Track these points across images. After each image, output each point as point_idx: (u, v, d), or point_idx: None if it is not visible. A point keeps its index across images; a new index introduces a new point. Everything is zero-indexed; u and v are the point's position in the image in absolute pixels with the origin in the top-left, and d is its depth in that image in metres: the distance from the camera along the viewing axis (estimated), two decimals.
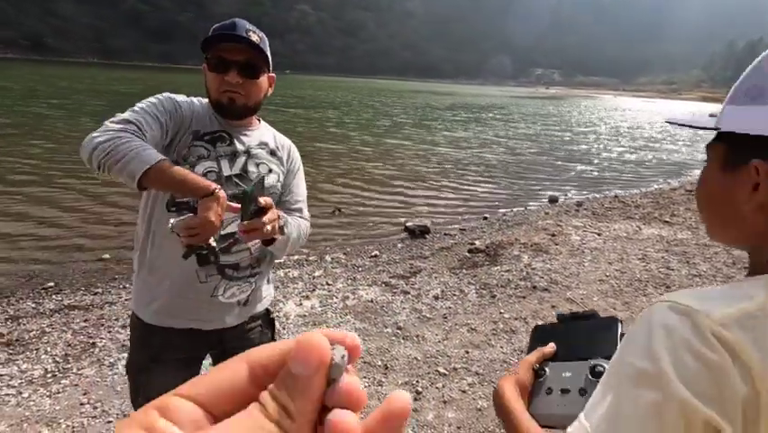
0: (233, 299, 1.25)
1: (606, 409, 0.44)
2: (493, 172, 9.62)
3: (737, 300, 0.44)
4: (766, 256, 0.50)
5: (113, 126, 1.04)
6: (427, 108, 28.83)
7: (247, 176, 1.23)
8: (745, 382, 0.41)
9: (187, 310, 1.21)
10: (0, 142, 9.17)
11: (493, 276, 4.05)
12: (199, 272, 1.18)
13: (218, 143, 1.21)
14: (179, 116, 1.17)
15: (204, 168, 1.17)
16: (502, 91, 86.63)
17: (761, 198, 0.48)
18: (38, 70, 43.81)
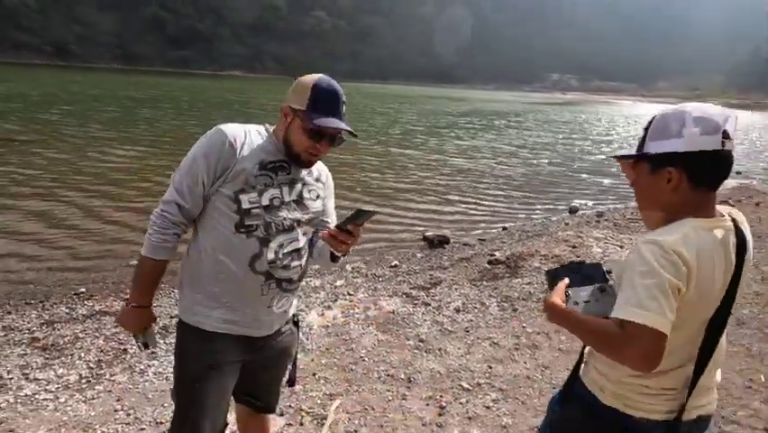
0: (281, 309, 1.40)
1: (631, 293, 0.92)
2: (511, 182, 9.58)
3: (672, 234, 0.94)
4: (676, 218, 0.99)
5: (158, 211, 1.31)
6: (441, 115, 28.80)
7: (302, 201, 1.39)
8: (685, 267, 0.91)
9: (246, 318, 1.35)
10: (21, 150, 9.48)
11: (514, 288, 4.04)
12: (263, 285, 1.32)
13: (279, 172, 1.34)
14: (233, 157, 1.27)
15: (270, 195, 1.31)
16: (517, 96, 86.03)
17: (674, 184, 0.98)
18: (59, 76, 45.08)
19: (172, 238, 1.31)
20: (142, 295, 1.35)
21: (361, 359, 2.88)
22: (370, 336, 3.17)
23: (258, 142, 1.32)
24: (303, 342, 3.07)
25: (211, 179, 1.27)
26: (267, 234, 1.30)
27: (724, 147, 0.96)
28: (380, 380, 2.67)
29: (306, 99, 1.29)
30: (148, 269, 1.32)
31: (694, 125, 0.97)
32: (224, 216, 1.28)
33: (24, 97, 20.78)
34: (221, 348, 1.34)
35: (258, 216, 1.28)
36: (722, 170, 0.99)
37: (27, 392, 2.45)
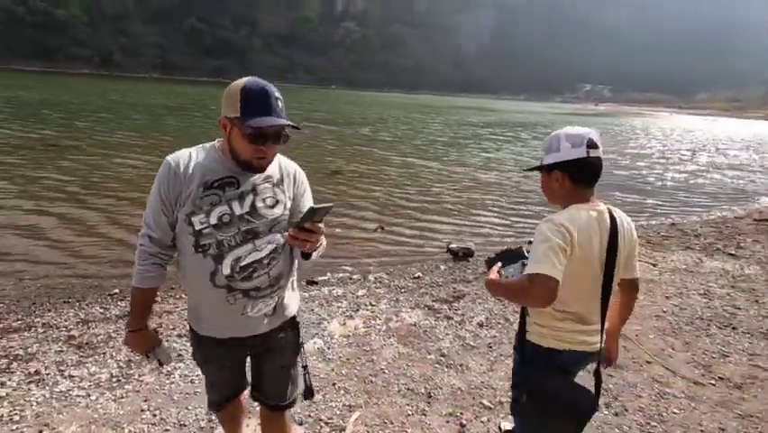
0: (260, 313, 1.46)
1: (534, 257, 1.34)
2: (538, 196, 9.39)
3: (561, 214, 1.41)
4: (568, 206, 1.45)
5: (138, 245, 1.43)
6: (465, 126, 28.64)
7: (256, 211, 1.40)
8: (569, 235, 1.35)
9: (224, 324, 1.46)
10: (57, 155, 10.01)
11: None
12: (228, 297, 1.40)
13: (227, 188, 1.37)
14: (179, 184, 1.35)
15: (218, 213, 1.36)
16: (547, 107, 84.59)
17: (560, 183, 1.47)
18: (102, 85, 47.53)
19: (152, 267, 1.41)
20: (136, 320, 1.47)
21: (381, 371, 2.87)
22: (391, 348, 3.15)
23: (202, 163, 1.36)
24: (324, 351, 3.09)
25: (169, 208, 1.36)
26: (219, 252, 1.36)
27: (589, 155, 1.44)
28: (400, 393, 2.65)
29: (237, 106, 1.29)
30: (137, 297, 1.46)
31: (566, 141, 1.45)
32: (185, 239, 1.38)
33: (66, 105, 22.03)
34: (210, 346, 1.51)
35: (209, 236, 1.35)
36: (591, 171, 1.47)
37: (62, 388, 2.56)
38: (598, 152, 1.45)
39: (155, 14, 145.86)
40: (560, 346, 1.51)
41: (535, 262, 1.35)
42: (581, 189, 1.48)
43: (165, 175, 1.35)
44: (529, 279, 1.34)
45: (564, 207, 1.48)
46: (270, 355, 1.58)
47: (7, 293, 3.84)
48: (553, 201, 1.56)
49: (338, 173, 10.09)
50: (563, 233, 1.37)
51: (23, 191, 7.06)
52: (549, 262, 1.32)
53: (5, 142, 11.11)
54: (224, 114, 1.33)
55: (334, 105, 41.12)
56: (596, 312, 1.50)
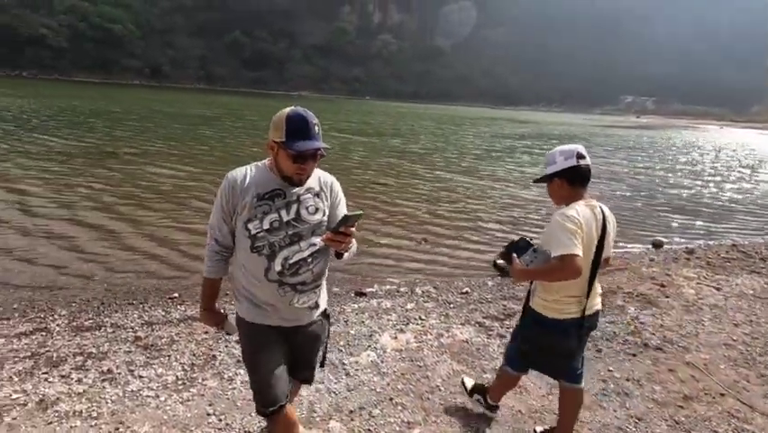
0: (304, 305, 1.74)
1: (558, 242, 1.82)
2: None
3: (569, 209, 1.88)
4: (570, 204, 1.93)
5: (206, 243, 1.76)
6: (499, 138, 28.20)
7: (300, 218, 1.67)
8: (579, 223, 1.85)
9: (274, 313, 1.73)
10: (104, 162, 10.58)
11: (596, 327, 3.78)
12: (278, 290, 1.68)
13: (276, 199, 1.65)
14: (237, 197, 1.64)
15: (270, 220, 1.64)
16: (585, 119, 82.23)
17: (561, 186, 1.99)
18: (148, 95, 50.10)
19: (217, 263, 1.74)
20: (205, 302, 1.82)
21: (437, 388, 2.83)
22: (445, 365, 3.11)
23: (255, 179, 1.65)
24: (378, 364, 3.09)
25: (229, 216, 1.67)
26: (272, 252, 1.64)
27: (579, 164, 1.95)
28: (458, 413, 2.61)
29: (282, 133, 1.56)
30: (206, 285, 1.80)
31: (560, 156, 1.98)
32: (243, 241, 1.66)
33: (113, 114, 23.35)
34: (261, 333, 1.74)
35: (263, 239, 1.63)
36: (583, 175, 1.97)
37: (133, 388, 2.68)
38: (587, 161, 1.98)
39: (200, 29, 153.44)
40: (560, 316, 2.00)
41: (561, 246, 1.80)
42: (577, 190, 1.97)
43: (226, 190, 1.65)
44: (561, 259, 1.79)
45: (567, 205, 1.95)
46: (307, 345, 1.87)
47: (78, 293, 4.08)
48: (558, 203, 2.03)
49: (367, 186, 10.16)
50: (576, 222, 1.84)
51: (85, 197, 7.53)
52: (572, 244, 1.79)
53: (58, 149, 11.92)
54: (272, 138, 1.60)
55: (368, 115, 41.53)
56: (585, 285, 1.97)
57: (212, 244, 1.72)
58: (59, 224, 6.00)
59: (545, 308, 2.02)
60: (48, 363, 2.88)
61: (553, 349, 2.06)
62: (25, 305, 3.78)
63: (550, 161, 2.01)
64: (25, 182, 8.05)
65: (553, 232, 1.84)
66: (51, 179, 8.43)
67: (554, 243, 1.82)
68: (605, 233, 1.95)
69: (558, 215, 1.88)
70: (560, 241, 1.80)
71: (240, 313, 1.77)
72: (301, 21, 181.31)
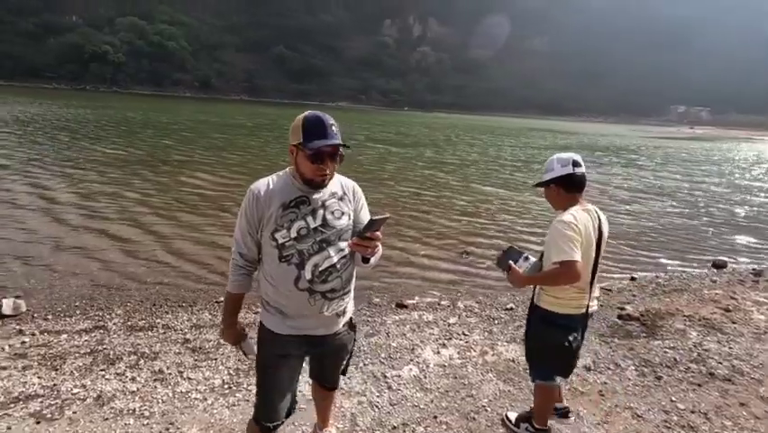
0: (334, 312, 1.71)
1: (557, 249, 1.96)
2: (633, 228, 8.64)
3: (567, 215, 2.02)
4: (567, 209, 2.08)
5: (231, 258, 1.73)
6: (541, 149, 27.40)
7: (327, 223, 1.65)
8: (578, 228, 2.00)
9: (304, 323, 1.69)
10: (162, 171, 11.11)
11: (654, 352, 3.54)
12: (309, 299, 1.64)
13: (301, 206, 1.63)
14: (261, 208, 1.62)
15: (297, 227, 1.61)
16: (634, 130, 78.59)
17: (557, 192, 2.15)
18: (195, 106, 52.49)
19: (242, 277, 1.71)
20: (227, 319, 1.79)
21: (483, 408, 2.72)
22: (491, 385, 2.99)
23: (279, 188, 1.63)
24: (420, 379, 3.02)
25: (255, 229, 1.64)
26: (301, 260, 1.61)
27: (575, 171, 2.08)
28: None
29: (300, 134, 1.56)
30: (229, 300, 1.77)
31: (557, 163, 2.11)
32: (270, 251, 1.64)
33: (160, 124, 24.65)
34: (288, 344, 1.70)
35: (291, 247, 1.60)
36: (578, 182, 2.10)
37: (182, 389, 2.75)
38: (582, 169, 2.11)
39: (248, 44, 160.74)
40: (571, 312, 2.12)
41: (561, 252, 1.93)
42: (573, 196, 2.11)
43: (250, 202, 1.63)
44: (561, 265, 1.92)
45: (564, 210, 2.09)
46: (333, 355, 1.87)
47: (132, 294, 4.28)
48: (556, 207, 2.18)
49: (403, 198, 10.11)
50: (574, 228, 1.97)
51: (139, 202, 7.95)
52: (570, 251, 1.92)
53: (112, 157, 12.70)
54: (291, 142, 1.60)
55: (404, 126, 41.58)
56: (588, 283, 2.10)
57: (236, 258, 1.69)
58: (115, 227, 6.36)
59: (557, 305, 2.12)
60: (105, 361, 3.02)
61: (565, 346, 2.12)
62: (86, 303, 4.00)
63: (548, 168, 2.15)
64: (86, 187, 8.63)
65: (553, 239, 1.98)
66: (108, 184, 8.99)
67: (555, 249, 1.96)
68: (601, 235, 2.11)
69: (557, 222, 2.02)
70: (560, 248, 1.94)
71: (266, 323, 1.73)
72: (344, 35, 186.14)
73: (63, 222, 6.43)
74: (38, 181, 8.83)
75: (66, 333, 3.40)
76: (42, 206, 7.19)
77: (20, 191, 7.99)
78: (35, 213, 6.80)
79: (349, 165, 14.86)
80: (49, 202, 7.43)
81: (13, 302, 3.73)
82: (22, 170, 9.80)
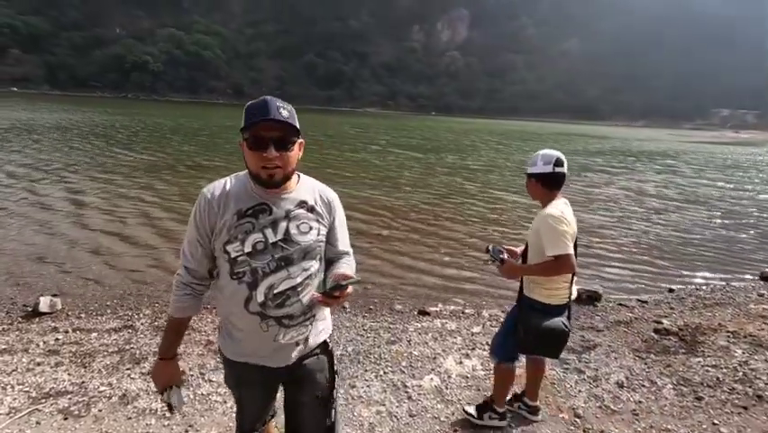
0: (292, 340, 1.44)
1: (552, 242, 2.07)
2: (672, 233, 8.22)
3: (554, 209, 2.14)
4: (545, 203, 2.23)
5: (175, 275, 1.46)
6: (571, 155, 26.60)
7: (290, 238, 1.39)
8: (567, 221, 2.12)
9: (256, 351, 1.44)
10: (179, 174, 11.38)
11: (694, 370, 3.31)
12: (261, 324, 1.39)
13: (260, 215, 1.37)
14: (214, 215, 1.37)
15: (252, 241, 1.35)
16: (673, 135, 75.30)
17: (536, 187, 2.25)
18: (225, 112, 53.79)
19: (185, 298, 1.43)
20: (165, 349, 1.47)
21: (507, 425, 2.61)
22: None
23: (235, 193, 1.38)
24: (441, 390, 2.93)
25: (205, 238, 1.39)
26: (254, 279, 1.36)
27: (554, 171, 2.16)
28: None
29: (242, 121, 1.31)
30: (170, 325, 1.47)
31: (541, 160, 2.18)
32: (222, 265, 1.40)
33: (188, 130, 25.46)
34: (242, 373, 1.49)
35: (244, 263, 1.36)
36: (556, 180, 2.19)
37: (203, 391, 2.77)
38: (563, 169, 2.18)
39: (279, 51, 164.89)
40: (561, 302, 2.24)
41: (556, 247, 2.03)
42: (552, 192, 2.20)
43: (201, 207, 1.39)
44: (556, 259, 2.03)
45: (544, 202, 2.20)
46: (304, 386, 1.54)
47: (160, 296, 4.39)
48: (534, 198, 2.27)
49: (425, 202, 9.99)
50: (564, 221, 2.07)
51: (165, 208, 8.20)
52: (564, 245, 2.02)
53: (141, 161, 13.17)
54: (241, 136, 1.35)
55: (429, 131, 41.30)
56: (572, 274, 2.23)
57: (181, 273, 1.42)
58: (144, 231, 6.58)
59: (550, 296, 2.21)
60: (131, 360, 3.09)
61: (559, 332, 2.19)
62: (116, 303, 4.14)
63: (532, 162, 2.22)
64: (116, 192, 8.99)
65: (546, 233, 2.06)
66: (137, 188, 9.34)
67: (550, 244, 2.04)
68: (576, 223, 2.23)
69: (548, 217, 2.09)
70: (555, 242, 2.03)
71: (221, 347, 1.51)
72: (372, 41, 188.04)
73: (96, 226, 6.71)
74: (73, 186, 9.28)
75: (96, 331, 3.51)
76: (77, 210, 7.53)
77: (57, 196, 8.41)
78: (70, 216, 7.13)
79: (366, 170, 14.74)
80: (82, 207, 7.77)
81: (49, 300, 3.90)
82: (58, 174, 10.34)
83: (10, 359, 3.02)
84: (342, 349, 3.40)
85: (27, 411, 2.47)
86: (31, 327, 3.56)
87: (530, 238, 2.23)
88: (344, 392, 2.83)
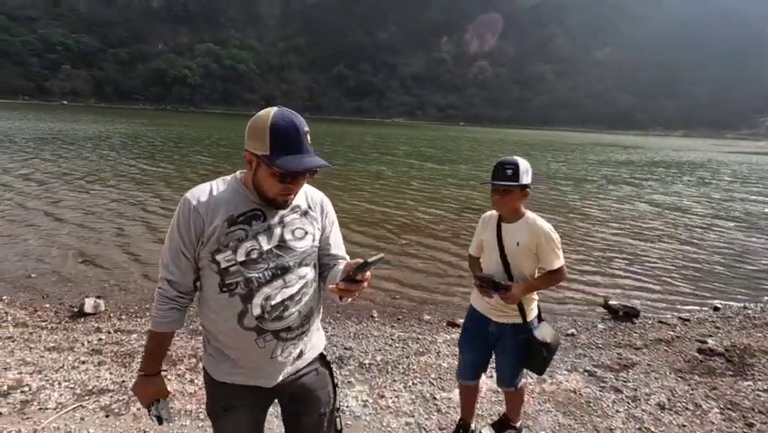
0: (289, 356, 1.35)
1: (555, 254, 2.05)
2: (716, 249, 7.81)
3: (545, 221, 2.11)
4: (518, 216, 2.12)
5: (156, 288, 1.34)
6: (598, 165, 25.75)
7: (285, 245, 1.31)
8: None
9: (250, 370, 1.33)
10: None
11: (744, 394, 3.11)
12: (257, 340, 1.29)
13: (253, 221, 1.28)
14: (201, 222, 1.25)
15: (245, 249, 1.26)
16: (714, 145, 71.88)
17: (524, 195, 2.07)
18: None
19: (168, 313, 1.32)
20: (148, 364, 1.36)
21: None
22: (549, 416, 2.78)
23: (225, 198, 1.27)
24: None
25: (190, 248, 1.27)
26: (248, 291, 1.26)
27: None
28: None
29: (266, 143, 1.18)
30: (153, 340, 1.35)
31: (529, 168, 2.06)
32: (209, 277, 1.28)
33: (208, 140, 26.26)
34: (232, 395, 1.35)
35: (237, 273, 1.25)
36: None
37: None
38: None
39: (310, 64, 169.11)
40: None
41: (558, 258, 2.05)
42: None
43: (185, 213, 1.26)
44: (560, 269, 2.06)
45: (518, 214, 2.12)
46: (308, 406, 1.43)
47: (196, 300, 4.52)
48: (509, 211, 2.10)
49: (455, 213, 9.88)
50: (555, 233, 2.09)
51: None
52: (561, 255, 2.07)
53: (177, 170, 13.66)
54: (250, 149, 1.23)
55: (452, 141, 40.87)
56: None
57: (164, 287, 1.31)
58: None
59: (536, 308, 2.21)
60: (168, 361, 3.19)
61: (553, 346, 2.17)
62: None
63: (528, 171, 2.05)
64: (149, 200, 9.38)
65: (551, 246, 2.04)
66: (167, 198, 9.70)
67: (555, 256, 2.05)
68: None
69: (548, 228, 2.06)
70: (557, 254, 2.05)
71: (205, 365, 1.39)
72: (401, 53, 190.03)
73: (136, 232, 7.02)
74: (108, 193, 9.76)
75: (136, 333, 3.65)
76: (120, 217, 7.91)
77: (101, 203, 8.87)
78: (113, 222, 7.49)
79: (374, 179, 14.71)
80: (123, 215, 8.15)
81: (94, 301, 4.10)
82: (90, 181, 10.89)
83: (58, 357, 3.18)
84: (371, 358, 3.40)
85: (72, 407, 2.59)
86: (76, 326, 3.75)
87: (519, 252, 2.07)
88: (373, 402, 2.82)
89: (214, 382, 1.37)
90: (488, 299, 2.14)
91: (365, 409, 2.73)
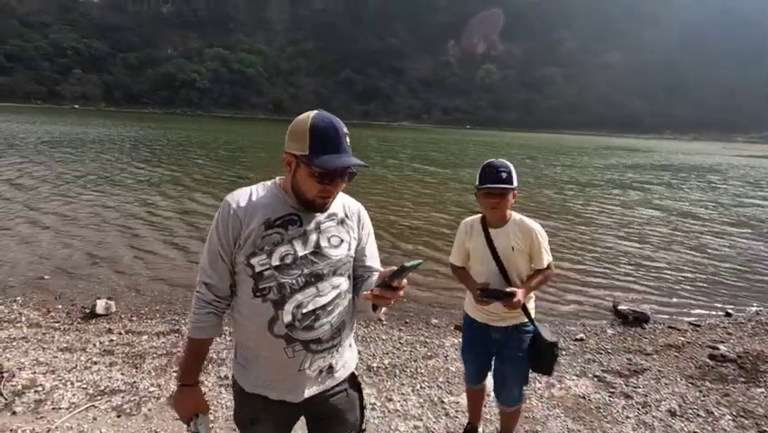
0: (316, 370, 1.31)
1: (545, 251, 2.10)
2: (728, 253, 7.71)
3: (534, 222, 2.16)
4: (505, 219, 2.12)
5: (194, 292, 1.33)
6: (604, 169, 25.54)
7: (320, 252, 1.28)
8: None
9: (277, 382, 1.30)
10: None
11: (757, 401, 3.07)
12: (286, 349, 1.26)
13: (290, 226, 1.26)
14: (239, 225, 1.25)
15: (280, 254, 1.24)
16: (724, 148, 71.04)
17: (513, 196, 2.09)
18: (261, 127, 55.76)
19: (206, 318, 1.29)
20: (185, 374, 1.33)
21: None
22: (558, 422, 2.76)
23: (263, 201, 1.27)
24: None
25: (228, 251, 1.26)
26: (281, 297, 1.24)
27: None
28: None
29: (306, 143, 1.19)
30: (191, 347, 1.32)
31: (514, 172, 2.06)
32: (244, 282, 1.27)
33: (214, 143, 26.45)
34: (259, 407, 1.32)
35: (270, 278, 1.24)
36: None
37: None
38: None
39: (319, 68, 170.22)
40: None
41: (548, 253, 2.09)
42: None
43: (225, 216, 1.26)
44: (548, 267, 2.10)
45: (507, 217, 2.11)
46: (334, 427, 1.39)
47: None
48: (501, 215, 2.09)
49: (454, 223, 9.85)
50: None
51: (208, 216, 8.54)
52: (549, 251, 2.12)
53: (184, 174, 13.78)
54: (290, 150, 1.24)
55: (456, 145, 40.73)
56: None
57: (201, 290, 1.30)
58: (186, 239, 6.88)
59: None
60: (178, 363, 3.23)
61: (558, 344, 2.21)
62: (164, 307, 4.35)
63: (514, 171, 2.05)
64: (155, 202, 9.47)
65: (542, 243, 2.07)
66: (173, 199, 9.79)
67: (546, 252, 2.08)
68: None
69: (539, 229, 2.09)
70: (547, 251, 2.09)
71: (236, 377, 1.37)
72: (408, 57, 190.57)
73: (147, 235, 7.10)
74: (119, 195, 9.88)
75: (146, 334, 3.69)
76: (130, 219, 8.01)
77: (111, 205, 8.98)
78: (124, 224, 7.59)
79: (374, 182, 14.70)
80: (134, 217, 8.26)
81: (105, 303, 4.15)
82: (101, 183, 11.04)
83: (70, 357, 3.23)
84: (379, 362, 3.41)
85: (85, 407, 2.63)
86: (88, 327, 3.80)
87: (515, 255, 2.06)
88: (381, 405, 2.83)
89: (243, 392, 1.34)
90: (485, 306, 2.08)
91: (373, 413, 2.74)
